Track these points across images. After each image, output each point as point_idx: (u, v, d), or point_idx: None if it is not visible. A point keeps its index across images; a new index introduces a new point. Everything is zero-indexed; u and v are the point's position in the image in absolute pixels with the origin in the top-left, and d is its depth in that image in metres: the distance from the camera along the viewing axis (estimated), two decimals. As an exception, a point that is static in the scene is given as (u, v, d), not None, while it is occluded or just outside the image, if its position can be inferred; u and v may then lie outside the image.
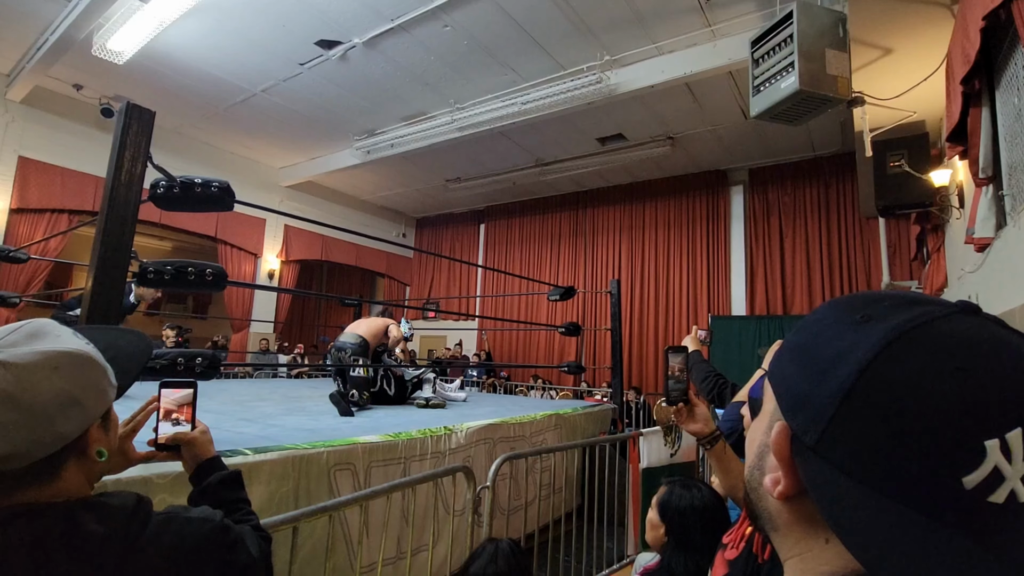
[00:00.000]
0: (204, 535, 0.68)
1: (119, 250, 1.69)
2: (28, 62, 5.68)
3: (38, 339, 0.62)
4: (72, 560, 0.57)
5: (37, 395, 0.58)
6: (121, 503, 0.64)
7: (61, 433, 0.61)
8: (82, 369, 0.64)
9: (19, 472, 0.58)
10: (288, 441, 2.25)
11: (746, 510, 0.47)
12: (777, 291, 7.34)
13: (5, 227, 6.25)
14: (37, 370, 0.59)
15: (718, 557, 0.89)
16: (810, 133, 6.65)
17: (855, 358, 0.33)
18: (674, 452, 3.14)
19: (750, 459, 0.43)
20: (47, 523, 0.58)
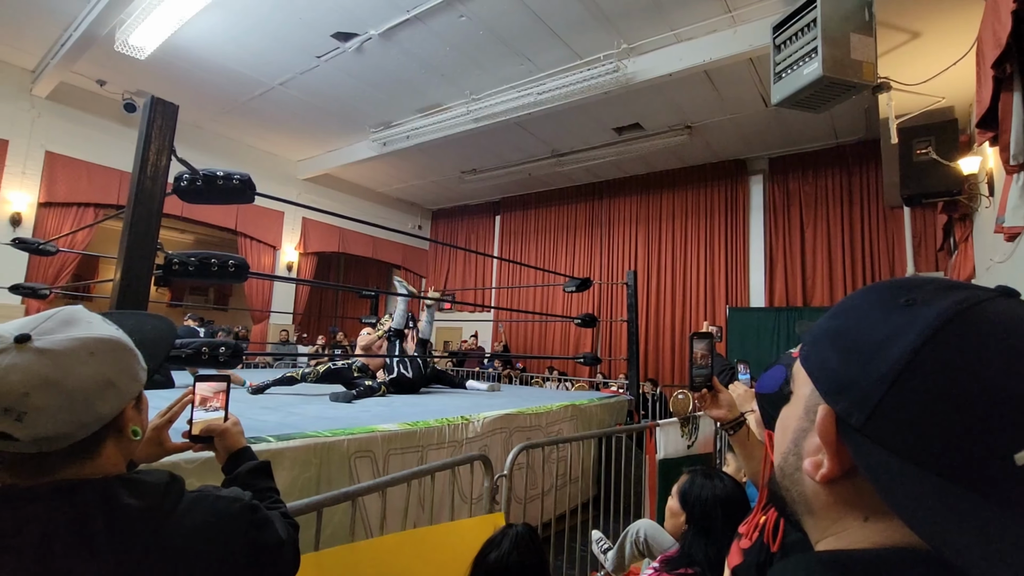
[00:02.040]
0: (233, 513, 0.70)
1: (146, 242, 1.73)
2: (53, 58, 5.80)
3: (72, 326, 0.64)
4: (110, 531, 0.60)
5: (76, 379, 0.61)
6: (156, 480, 0.67)
7: (100, 414, 0.64)
8: (115, 353, 0.66)
9: (62, 452, 0.61)
10: (309, 429, 2.30)
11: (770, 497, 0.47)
12: (797, 282, 7.22)
13: (34, 221, 6.43)
14: (74, 356, 0.62)
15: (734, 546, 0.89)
16: (833, 120, 6.50)
17: (905, 340, 0.33)
18: (691, 444, 3.13)
19: (784, 444, 0.43)
20: (87, 497, 0.61)
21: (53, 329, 0.63)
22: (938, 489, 0.31)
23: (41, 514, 0.59)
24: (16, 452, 0.59)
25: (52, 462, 0.62)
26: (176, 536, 0.64)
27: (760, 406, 0.89)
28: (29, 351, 0.59)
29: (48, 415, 0.59)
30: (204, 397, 0.98)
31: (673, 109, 6.48)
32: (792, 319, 6.40)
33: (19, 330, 0.61)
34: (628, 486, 2.93)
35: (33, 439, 0.58)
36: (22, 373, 0.58)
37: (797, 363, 0.44)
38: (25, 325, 0.62)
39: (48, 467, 0.62)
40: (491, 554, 1.13)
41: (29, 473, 0.61)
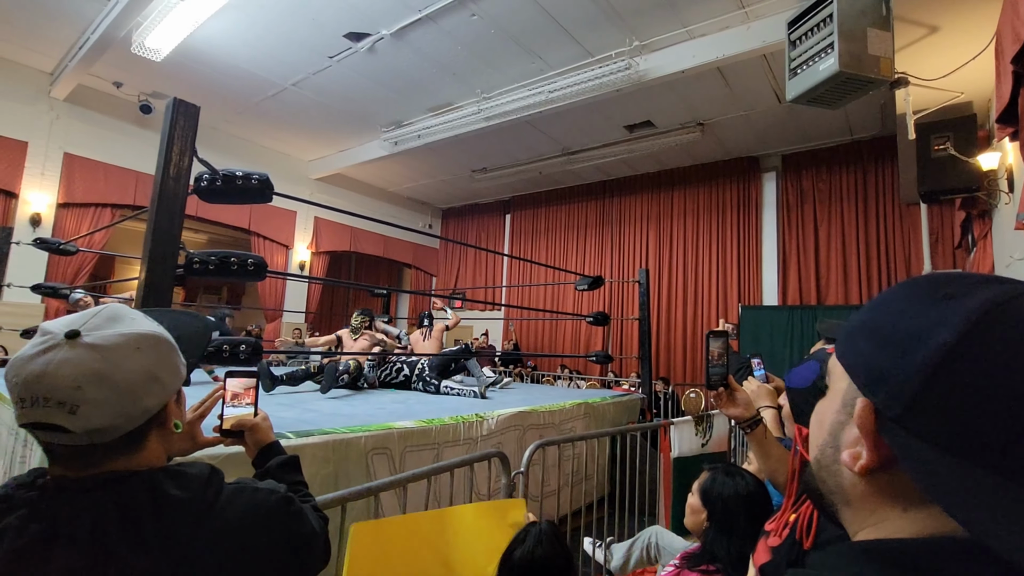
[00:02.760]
0: (271, 504, 0.72)
1: (169, 242, 1.76)
2: (71, 61, 5.89)
3: (117, 322, 0.66)
4: (158, 521, 0.62)
5: (124, 373, 0.63)
6: (197, 472, 0.69)
7: (146, 407, 0.66)
8: (159, 348, 0.69)
9: (110, 444, 0.63)
10: (327, 425, 2.33)
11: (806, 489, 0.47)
12: (811, 280, 7.15)
13: (53, 221, 6.54)
14: (122, 350, 0.64)
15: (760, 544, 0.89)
16: (848, 116, 6.43)
17: (945, 331, 0.34)
18: (705, 442, 3.12)
19: (821, 437, 0.44)
20: (133, 488, 0.63)
21: (100, 325, 0.65)
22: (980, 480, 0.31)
23: (93, 504, 0.61)
24: (68, 444, 0.61)
25: (101, 454, 0.64)
26: (218, 527, 0.66)
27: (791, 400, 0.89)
28: (80, 346, 0.61)
29: (99, 408, 0.61)
30: (234, 393, 1.00)
31: (685, 106, 6.44)
32: (806, 317, 6.35)
33: (68, 326, 0.63)
34: (643, 484, 2.93)
35: (85, 431, 0.60)
36: (74, 367, 0.60)
37: (833, 358, 0.44)
38: (74, 322, 0.64)
39: (97, 459, 0.64)
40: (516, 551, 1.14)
41: (79, 465, 0.63)
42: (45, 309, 6.34)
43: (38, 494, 0.61)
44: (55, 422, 0.59)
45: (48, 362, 0.60)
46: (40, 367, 0.59)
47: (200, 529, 0.64)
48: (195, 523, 0.64)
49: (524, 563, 1.11)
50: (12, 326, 5.10)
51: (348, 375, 4.10)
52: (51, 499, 0.61)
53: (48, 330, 0.63)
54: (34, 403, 0.59)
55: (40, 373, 0.59)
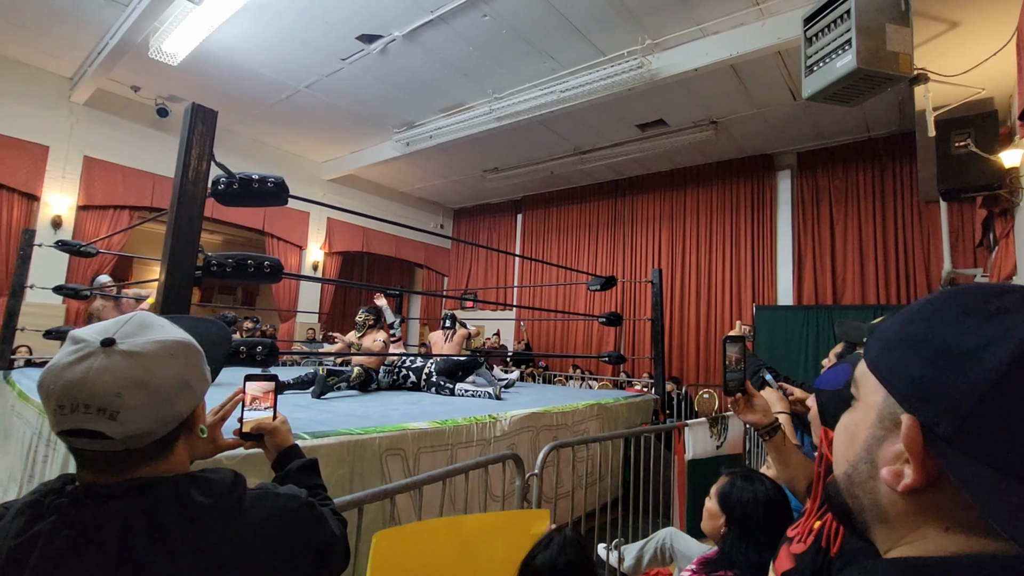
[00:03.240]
0: (293, 510, 0.73)
1: (188, 245, 1.79)
2: (90, 66, 6.00)
3: (149, 330, 0.68)
4: (183, 527, 0.63)
5: (161, 379, 0.64)
6: (221, 478, 0.70)
7: (178, 413, 0.67)
8: (190, 355, 0.70)
9: (143, 450, 0.65)
10: (342, 426, 2.34)
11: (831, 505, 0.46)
12: (827, 280, 7.06)
13: (73, 223, 6.67)
14: (158, 357, 0.65)
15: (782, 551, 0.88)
16: (865, 113, 6.33)
17: (1002, 349, 0.33)
18: (720, 444, 3.09)
19: (853, 452, 0.43)
20: (160, 494, 0.64)
21: (134, 332, 0.66)
22: None
23: (121, 511, 0.62)
24: (103, 450, 0.62)
25: (133, 460, 0.65)
26: (243, 532, 0.66)
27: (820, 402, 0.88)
28: (117, 354, 0.63)
29: (138, 414, 0.62)
30: (253, 396, 1.01)
31: (698, 104, 6.39)
32: (822, 317, 6.25)
33: (102, 334, 0.64)
34: (656, 486, 2.92)
35: (124, 437, 0.61)
36: (114, 374, 0.61)
37: (862, 368, 0.43)
38: (106, 329, 0.65)
39: (129, 465, 0.65)
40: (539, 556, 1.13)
41: (111, 470, 0.64)
42: (66, 310, 6.47)
43: (68, 501, 0.62)
44: (95, 428, 0.60)
45: (87, 369, 0.61)
46: (80, 374, 0.61)
47: (224, 535, 0.65)
48: (220, 529, 0.65)
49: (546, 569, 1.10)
50: (35, 326, 5.21)
51: (348, 383, 3.97)
52: (81, 506, 0.62)
53: (81, 338, 0.64)
54: (74, 409, 0.60)
55: (80, 380, 0.60)
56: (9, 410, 3.59)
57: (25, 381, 3.73)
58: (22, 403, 3.18)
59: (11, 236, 6.08)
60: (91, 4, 5.01)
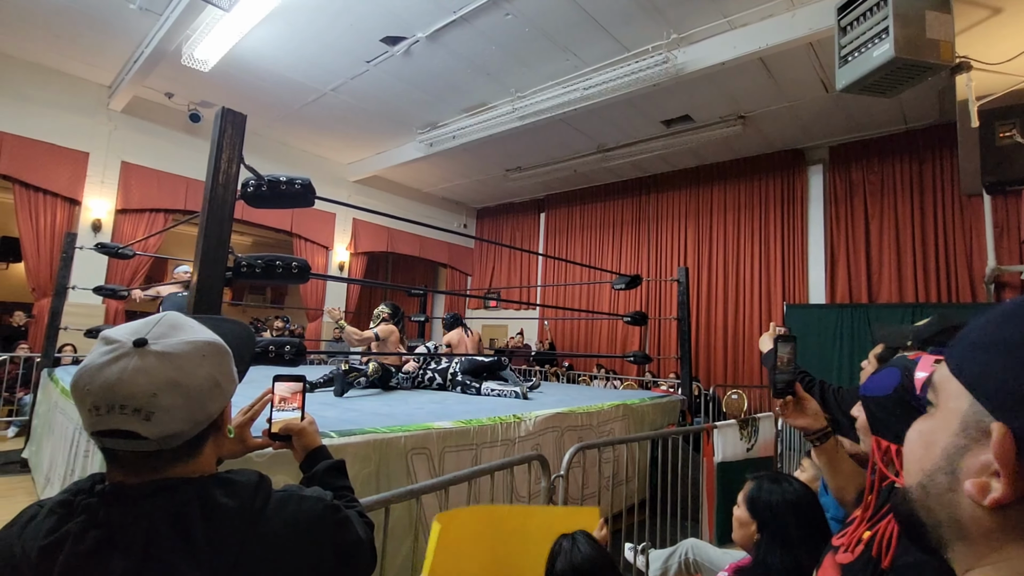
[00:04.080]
0: (317, 513, 0.73)
1: (219, 246, 1.82)
2: (127, 74, 6.21)
3: (180, 330, 0.68)
4: (208, 529, 0.63)
5: (194, 380, 0.65)
6: (246, 480, 0.70)
7: (209, 413, 0.68)
8: (220, 356, 0.70)
9: (173, 450, 0.65)
10: (368, 425, 2.36)
11: (901, 519, 0.43)
12: (861, 278, 6.83)
13: (112, 226, 6.92)
14: (191, 358, 0.66)
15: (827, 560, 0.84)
16: (902, 104, 6.09)
17: None
18: (751, 446, 3.01)
19: (929, 461, 0.39)
20: (186, 496, 0.64)
21: (165, 333, 0.66)
22: None
23: (146, 512, 0.62)
24: (136, 451, 0.63)
25: (164, 460, 0.65)
26: (267, 535, 0.66)
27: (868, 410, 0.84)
28: (150, 354, 0.63)
29: (172, 414, 0.62)
30: (282, 397, 1.02)
31: (725, 99, 6.25)
32: (857, 316, 6.04)
33: (134, 335, 0.64)
34: (684, 489, 2.86)
35: (158, 437, 0.62)
36: (149, 375, 0.62)
37: (942, 371, 0.40)
38: (138, 330, 0.66)
39: (159, 465, 0.65)
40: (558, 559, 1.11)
41: (142, 470, 0.65)
42: (105, 310, 6.71)
43: (97, 501, 0.63)
44: (130, 428, 0.61)
45: (122, 370, 0.61)
46: (115, 375, 0.61)
47: (249, 537, 0.65)
48: (244, 531, 0.65)
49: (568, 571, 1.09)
50: (77, 326, 5.42)
51: (366, 378, 4.02)
52: (108, 506, 0.62)
53: (114, 338, 0.64)
54: (109, 410, 0.61)
55: (115, 381, 0.61)
56: (53, 406, 3.74)
57: (67, 378, 3.88)
58: (65, 399, 3.31)
59: (55, 239, 6.34)
60: (127, 14, 5.19)
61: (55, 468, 3.20)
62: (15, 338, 6.63)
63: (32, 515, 0.65)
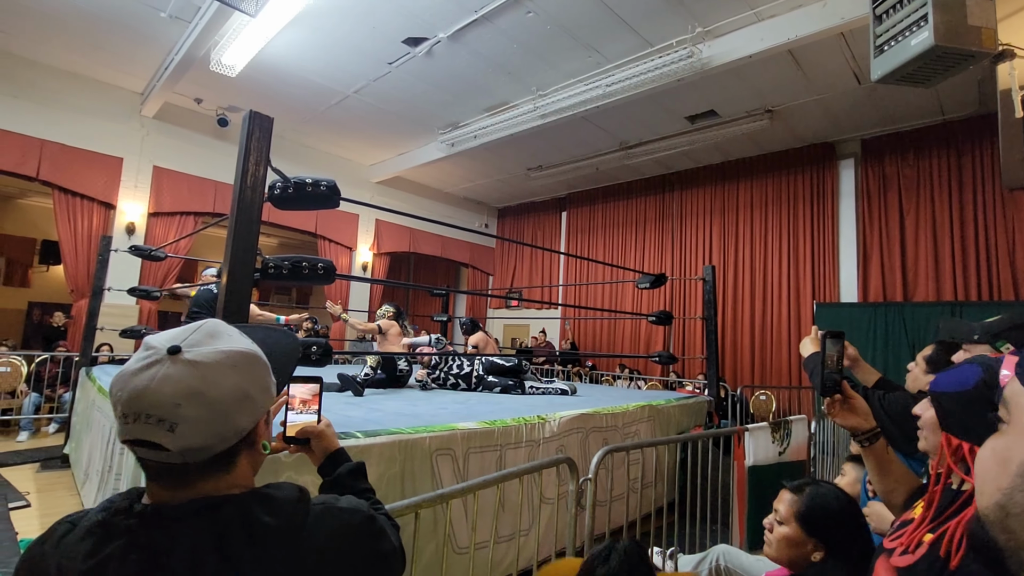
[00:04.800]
0: (356, 525, 0.71)
1: (248, 248, 1.84)
2: (158, 81, 6.38)
3: (216, 338, 0.66)
4: (251, 548, 0.61)
5: (218, 391, 0.62)
6: (286, 496, 0.68)
7: (238, 427, 0.65)
8: (253, 367, 0.68)
9: (202, 464, 0.63)
10: (393, 425, 2.37)
11: (974, 541, 0.39)
12: (896, 275, 6.60)
13: (145, 229, 7.12)
14: (219, 368, 0.63)
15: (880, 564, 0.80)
16: (939, 95, 5.86)
17: None
18: (783, 450, 2.93)
19: (1008, 479, 0.36)
20: (228, 514, 0.63)
21: (201, 341, 0.65)
22: None
23: (189, 533, 0.60)
24: (163, 462, 0.61)
25: (193, 474, 0.63)
26: (309, 551, 0.65)
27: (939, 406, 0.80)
28: (180, 362, 0.61)
29: (195, 426, 0.60)
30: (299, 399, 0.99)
31: (752, 93, 6.11)
32: (891, 315, 5.84)
33: (170, 341, 0.63)
34: (713, 492, 2.80)
35: (181, 450, 0.60)
36: (174, 384, 0.60)
37: (1014, 387, 0.37)
38: (175, 337, 0.64)
39: (190, 479, 0.63)
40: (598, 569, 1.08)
41: (173, 483, 0.63)
42: (139, 310, 6.92)
43: (136, 522, 0.61)
44: (154, 440, 0.59)
45: (152, 378, 0.60)
46: (143, 383, 0.60)
47: (292, 555, 0.64)
48: (287, 549, 0.63)
49: None
50: (113, 326, 5.60)
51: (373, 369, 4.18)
52: (149, 528, 0.61)
53: (152, 344, 0.63)
54: (136, 419, 0.59)
55: (143, 389, 0.60)
56: (91, 404, 3.86)
57: (104, 377, 4.00)
58: (102, 398, 3.41)
59: (91, 242, 6.55)
60: (158, 23, 5.33)
61: (93, 464, 3.30)
62: (55, 338, 6.89)
63: (64, 533, 0.63)
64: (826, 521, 1.21)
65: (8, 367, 5.79)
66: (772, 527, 1.31)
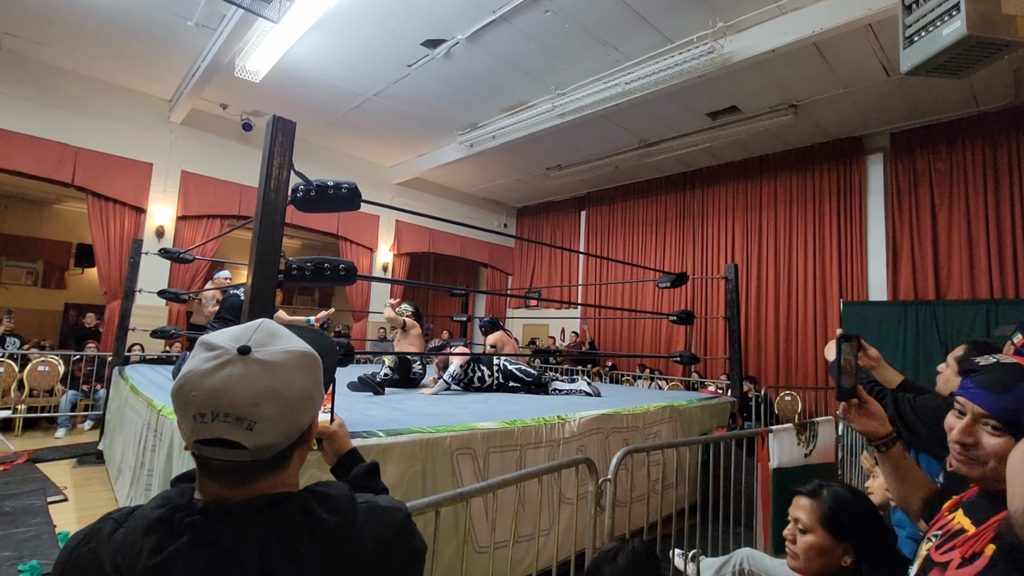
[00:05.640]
0: (398, 523, 0.73)
1: (272, 250, 1.88)
2: (185, 88, 6.55)
3: (277, 339, 0.68)
4: (313, 545, 0.63)
5: (292, 390, 0.64)
6: (340, 494, 0.70)
7: (301, 425, 0.67)
8: (315, 367, 0.70)
9: (264, 462, 0.64)
10: (414, 425, 2.39)
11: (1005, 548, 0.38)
12: (928, 272, 6.39)
13: (173, 232, 7.32)
14: (290, 368, 0.65)
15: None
16: (972, 86, 5.67)
17: None
18: (809, 452, 2.87)
19: None
20: (290, 511, 0.64)
21: (265, 341, 0.66)
22: None
23: (256, 529, 0.61)
24: (233, 460, 0.62)
25: (255, 472, 0.64)
26: (361, 547, 0.66)
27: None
28: (253, 362, 0.62)
29: (271, 425, 0.62)
30: None
31: (775, 88, 5.99)
32: (923, 314, 5.66)
33: (237, 341, 0.64)
34: (737, 495, 2.75)
35: (254, 447, 0.61)
36: (252, 384, 0.61)
37: None
38: (240, 337, 0.65)
39: (251, 477, 0.64)
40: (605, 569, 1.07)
41: (235, 481, 0.63)
42: (168, 311, 7.11)
43: (200, 519, 0.61)
44: (233, 438, 0.60)
45: (228, 377, 0.61)
46: (220, 383, 0.60)
47: (349, 551, 0.65)
48: (345, 545, 0.65)
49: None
50: (143, 326, 5.78)
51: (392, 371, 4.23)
52: (216, 525, 0.61)
53: (217, 344, 0.64)
54: (215, 418, 0.60)
55: (221, 388, 0.60)
56: (124, 402, 3.99)
57: (136, 376, 4.12)
58: (134, 396, 3.52)
59: (123, 245, 6.76)
60: (185, 31, 5.47)
61: (126, 460, 3.41)
62: (86, 338, 7.13)
63: (111, 530, 0.62)
64: (852, 522, 1.17)
65: (47, 366, 6.02)
66: (795, 537, 1.25)
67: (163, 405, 2.68)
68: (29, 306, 9.58)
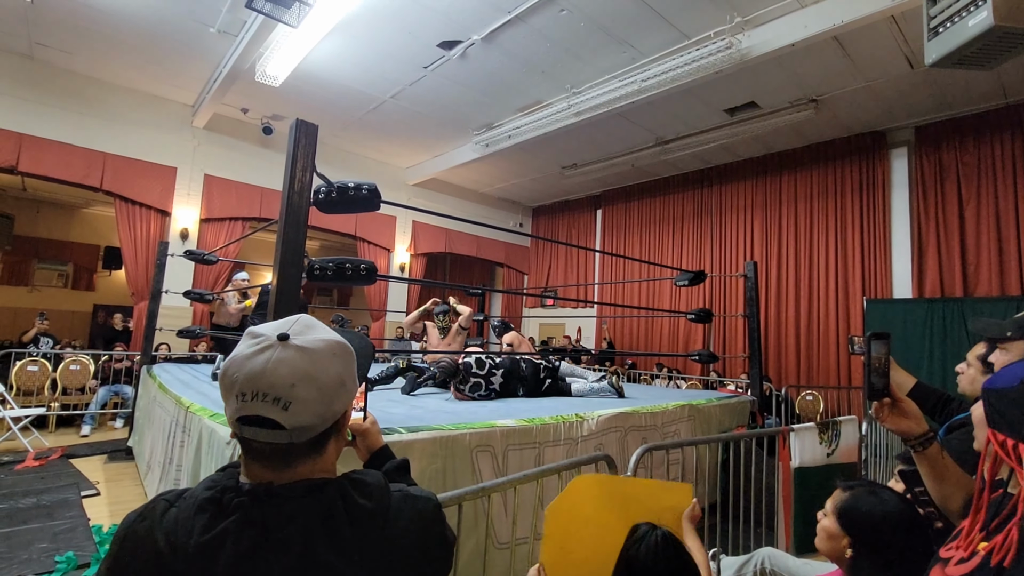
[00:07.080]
0: (429, 512, 0.76)
1: (296, 251, 1.92)
2: (207, 93, 6.70)
3: (314, 330, 0.72)
4: (351, 528, 0.66)
5: (326, 375, 0.68)
6: (375, 481, 0.73)
7: (335, 411, 0.71)
8: (348, 357, 0.74)
9: (303, 445, 0.68)
10: (434, 422, 2.42)
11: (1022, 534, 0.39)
12: (955, 268, 6.23)
13: (197, 234, 7.49)
14: (325, 355, 0.69)
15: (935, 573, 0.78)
16: (1000, 77, 5.51)
17: None
18: (831, 451, 2.83)
19: None
20: (330, 496, 0.67)
21: (302, 331, 0.71)
22: None
23: (300, 511, 0.65)
24: (271, 441, 0.66)
25: (295, 455, 0.68)
26: (394, 533, 0.69)
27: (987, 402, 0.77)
28: (291, 348, 0.67)
29: (306, 406, 0.66)
30: None
31: (795, 82, 5.90)
32: (950, 311, 5.53)
33: (277, 330, 0.69)
34: (758, 494, 2.73)
35: (292, 427, 0.65)
36: (289, 367, 0.65)
37: None
38: (280, 327, 0.70)
39: (290, 460, 0.68)
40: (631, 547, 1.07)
41: (276, 464, 0.67)
42: (193, 312, 7.28)
43: (247, 500, 0.64)
44: (271, 416, 0.64)
45: (267, 360, 0.65)
46: (261, 365, 0.65)
47: (384, 536, 0.68)
48: (380, 531, 0.68)
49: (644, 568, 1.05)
50: (169, 327, 5.93)
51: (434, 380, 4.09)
52: (262, 505, 0.64)
53: (260, 333, 0.69)
54: (254, 397, 0.64)
55: (261, 370, 0.65)
56: (152, 400, 4.10)
57: (164, 375, 4.24)
58: (162, 394, 3.62)
59: (149, 247, 6.95)
60: (207, 37, 5.60)
61: (155, 456, 3.51)
62: (113, 339, 7.34)
63: (164, 510, 0.66)
64: (860, 521, 1.23)
65: (78, 365, 6.22)
66: (820, 518, 1.36)
67: (191, 402, 2.75)
68: (60, 307, 9.90)
